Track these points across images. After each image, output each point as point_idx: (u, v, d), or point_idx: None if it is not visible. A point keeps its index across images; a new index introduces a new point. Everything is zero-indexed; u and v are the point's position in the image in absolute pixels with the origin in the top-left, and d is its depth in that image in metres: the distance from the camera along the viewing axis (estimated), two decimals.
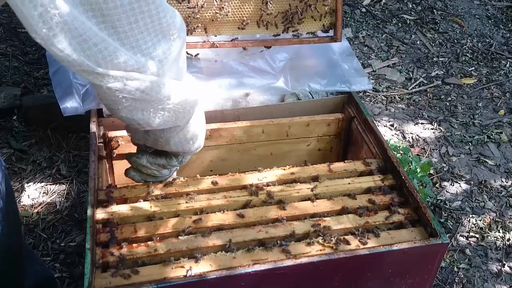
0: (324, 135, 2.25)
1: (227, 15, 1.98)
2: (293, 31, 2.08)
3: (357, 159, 1.99)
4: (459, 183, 2.80)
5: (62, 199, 2.47)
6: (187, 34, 1.99)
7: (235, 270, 1.46)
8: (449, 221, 2.59)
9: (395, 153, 2.43)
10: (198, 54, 2.22)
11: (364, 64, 3.58)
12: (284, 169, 1.86)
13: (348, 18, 3.98)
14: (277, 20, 2.05)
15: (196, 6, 1.93)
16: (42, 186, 2.52)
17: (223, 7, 1.95)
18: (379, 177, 1.86)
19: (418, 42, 3.87)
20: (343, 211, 1.71)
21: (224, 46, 2.08)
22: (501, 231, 2.56)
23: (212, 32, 2.03)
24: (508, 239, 2.52)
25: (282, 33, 2.07)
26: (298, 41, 2.11)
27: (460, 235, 2.53)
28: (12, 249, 1.53)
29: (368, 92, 3.35)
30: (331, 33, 2.12)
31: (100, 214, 1.64)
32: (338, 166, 1.90)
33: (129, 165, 1.75)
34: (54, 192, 2.50)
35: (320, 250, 1.57)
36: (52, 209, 2.43)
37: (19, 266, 1.61)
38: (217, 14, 1.97)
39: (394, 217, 1.70)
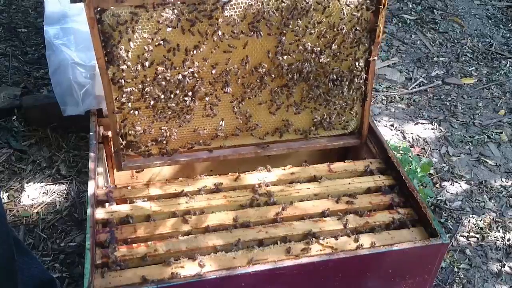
0: None
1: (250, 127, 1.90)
2: (314, 135, 1.98)
3: (357, 159, 1.98)
4: (459, 183, 2.79)
5: (62, 199, 2.47)
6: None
7: (235, 270, 1.46)
8: (449, 221, 2.59)
9: (395, 153, 2.43)
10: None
11: None
12: (284, 169, 1.86)
13: None
14: (303, 127, 1.96)
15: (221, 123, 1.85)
16: (42, 186, 2.52)
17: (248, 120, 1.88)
18: (379, 177, 1.85)
19: (418, 42, 3.86)
20: (343, 211, 1.71)
21: (245, 155, 1.93)
22: (501, 231, 2.56)
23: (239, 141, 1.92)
24: (508, 239, 2.52)
25: (304, 137, 1.98)
26: (323, 146, 1.99)
27: (460, 235, 2.53)
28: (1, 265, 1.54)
29: None
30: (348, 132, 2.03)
31: (100, 214, 1.64)
32: (338, 166, 1.90)
33: None
34: (54, 192, 2.50)
35: (320, 250, 1.56)
36: (52, 209, 2.42)
37: (9, 279, 1.61)
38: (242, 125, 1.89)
39: (394, 217, 1.69)
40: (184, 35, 1.62)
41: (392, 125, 3.14)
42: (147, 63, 1.63)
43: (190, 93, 1.72)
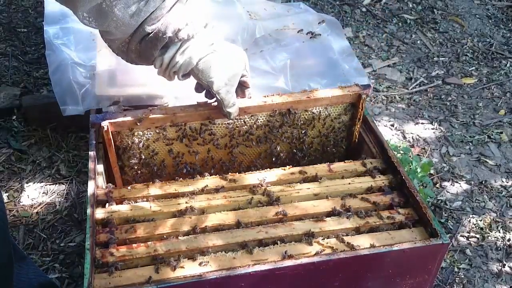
0: None
1: None
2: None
3: (357, 159, 1.98)
4: (460, 183, 2.79)
5: (62, 199, 2.47)
6: None
7: (235, 270, 1.46)
8: (449, 221, 2.59)
9: (395, 153, 2.43)
10: None
11: (364, 64, 3.58)
12: (284, 169, 1.86)
13: (348, 18, 3.98)
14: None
15: None
16: (42, 186, 2.52)
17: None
18: (379, 177, 1.85)
19: (418, 42, 3.86)
20: (343, 211, 1.71)
21: None
22: (501, 231, 2.56)
23: None
24: (509, 239, 2.51)
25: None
26: None
27: (461, 235, 2.53)
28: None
29: None
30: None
31: (100, 214, 1.64)
32: (338, 166, 1.90)
33: None
34: (54, 192, 2.50)
35: (320, 250, 1.56)
36: (51, 209, 2.42)
37: (5, 283, 1.61)
38: None
39: (394, 217, 1.69)
40: (186, 145, 1.92)
41: (392, 125, 3.14)
42: (155, 168, 1.94)
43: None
